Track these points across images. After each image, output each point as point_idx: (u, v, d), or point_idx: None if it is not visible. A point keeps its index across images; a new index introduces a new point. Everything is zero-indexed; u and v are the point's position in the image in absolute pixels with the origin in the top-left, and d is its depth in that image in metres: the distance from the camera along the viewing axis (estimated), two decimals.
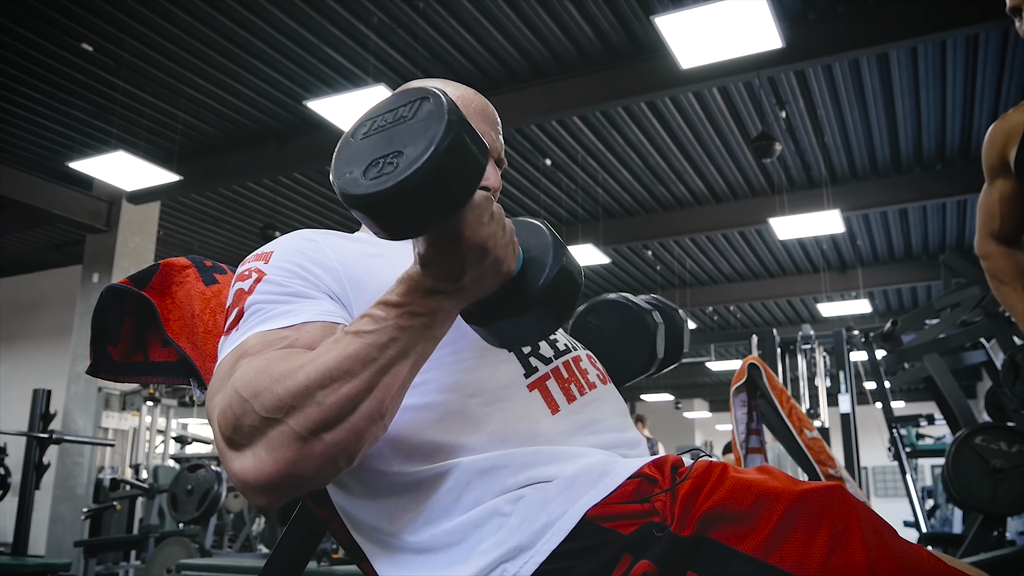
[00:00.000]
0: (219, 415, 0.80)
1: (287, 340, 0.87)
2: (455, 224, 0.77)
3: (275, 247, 1.01)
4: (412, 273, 0.81)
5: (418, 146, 0.72)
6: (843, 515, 0.76)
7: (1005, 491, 3.34)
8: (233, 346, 0.89)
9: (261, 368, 0.80)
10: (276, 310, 0.91)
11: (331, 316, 0.92)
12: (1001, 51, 6.48)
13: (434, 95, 0.76)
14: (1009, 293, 1.93)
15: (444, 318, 0.83)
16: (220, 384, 0.85)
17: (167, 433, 8.88)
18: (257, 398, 0.76)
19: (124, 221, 8.70)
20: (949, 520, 7.35)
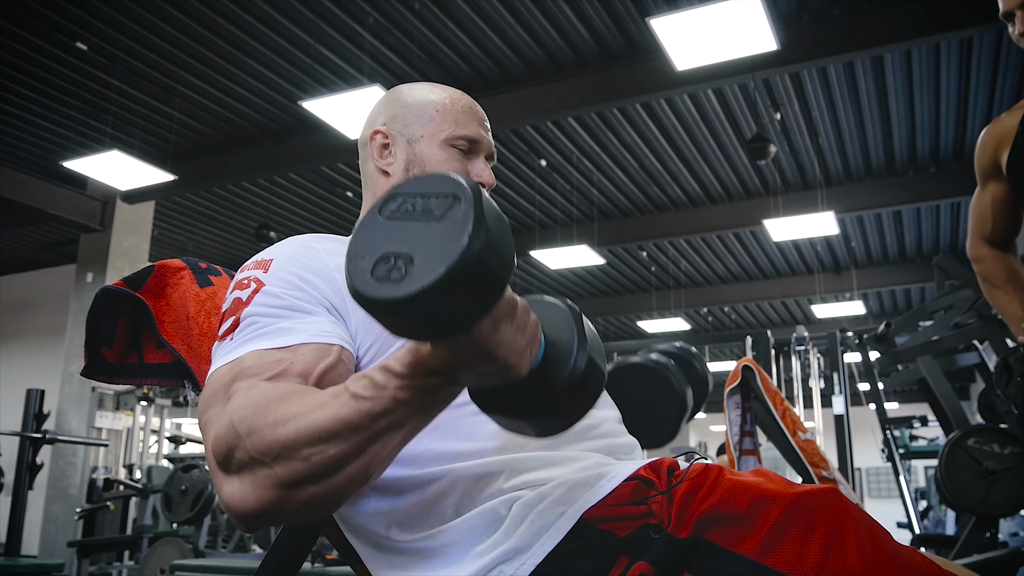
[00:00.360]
0: (213, 440, 0.80)
1: (283, 364, 0.87)
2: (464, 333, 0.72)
3: (274, 254, 1.01)
4: (420, 348, 0.73)
5: (430, 263, 0.64)
6: (838, 518, 0.77)
7: (998, 493, 3.36)
8: (228, 359, 0.89)
9: (258, 405, 0.79)
10: (273, 325, 0.91)
11: (326, 336, 0.92)
12: (995, 54, 6.51)
13: (468, 199, 0.66)
14: (1001, 296, 1.94)
15: (444, 400, 0.77)
16: (215, 398, 0.85)
17: (161, 433, 8.85)
18: (249, 437, 0.76)
19: (118, 220, 8.68)
20: (942, 521, 7.38)
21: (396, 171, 1.18)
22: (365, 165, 1.23)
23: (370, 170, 1.22)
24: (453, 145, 1.16)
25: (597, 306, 13.77)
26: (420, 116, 1.18)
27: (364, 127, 1.23)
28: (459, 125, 1.17)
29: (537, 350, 0.76)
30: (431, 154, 1.16)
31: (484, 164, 1.19)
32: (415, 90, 1.22)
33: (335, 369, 0.91)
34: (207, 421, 0.84)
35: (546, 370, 0.77)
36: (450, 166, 1.15)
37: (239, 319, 0.93)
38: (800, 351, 7.64)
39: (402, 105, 1.20)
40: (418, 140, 1.16)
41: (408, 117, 1.18)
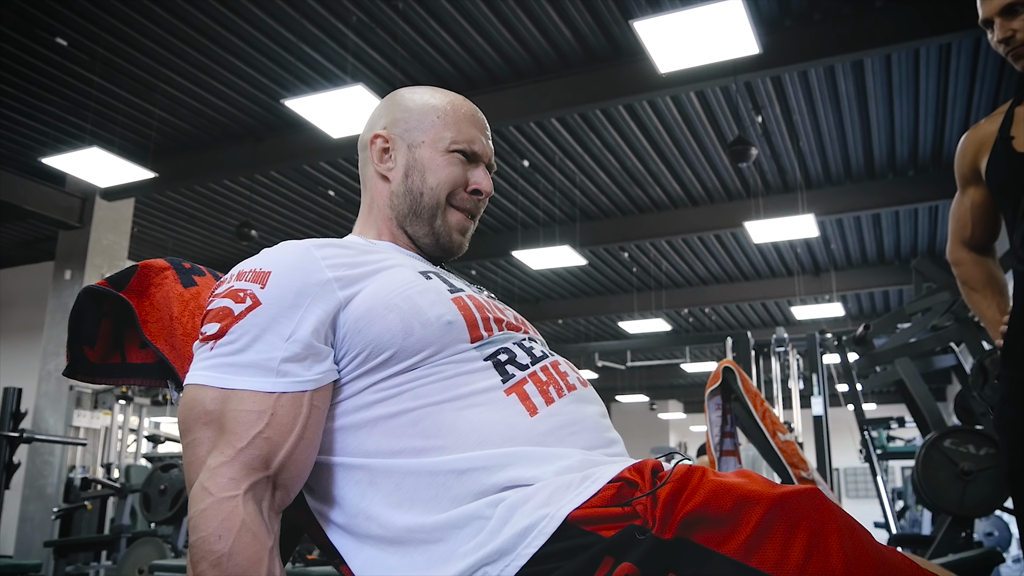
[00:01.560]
0: (191, 497, 0.91)
1: (262, 422, 0.93)
2: None
3: (273, 266, 1.01)
4: None
5: None
6: (820, 518, 0.77)
7: (973, 493, 3.40)
8: (213, 374, 0.95)
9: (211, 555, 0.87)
10: (261, 355, 0.95)
11: (302, 384, 0.96)
12: (973, 60, 6.58)
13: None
14: (979, 300, 1.96)
15: None
16: (197, 425, 0.94)
17: (139, 432, 8.78)
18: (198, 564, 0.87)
19: (98, 218, 8.60)
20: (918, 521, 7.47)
21: (396, 176, 1.18)
22: (364, 168, 1.23)
23: (369, 174, 1.22)
24: (454, 152, 1.16)
25: (579, 307, 13.80)
26: (421, 121, 1.18)
27: (364, 130, 1.24)
28: (460, 132, 1.17)
29: None
30: (432, 160, 1.16)
31: (484, 172, 1.20)
32: (416, 94, 1.22)
33: (308, 424, 0.96)
34: (190, 443, 0.94)
35: None
36: (450, 173, 1.16)
37: (226, 330, 0.95)
38: (780, 352, 7.69)
39: (403, 109, 1.20)
40: (419, 146, 1.17)
41: (409, 122, 1.19)
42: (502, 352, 1.03)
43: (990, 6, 1.72)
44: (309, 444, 0.96)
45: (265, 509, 0.92)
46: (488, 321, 1.06)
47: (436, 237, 1.18)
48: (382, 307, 0.99)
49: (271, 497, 0.93)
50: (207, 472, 0.90)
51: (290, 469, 0.94)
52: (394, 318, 0.99)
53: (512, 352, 1.04)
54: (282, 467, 0.94)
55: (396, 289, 1.02)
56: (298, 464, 0.95)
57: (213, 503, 0.88)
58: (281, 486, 0.95)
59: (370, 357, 0.99)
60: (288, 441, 0.94)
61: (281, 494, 0.95)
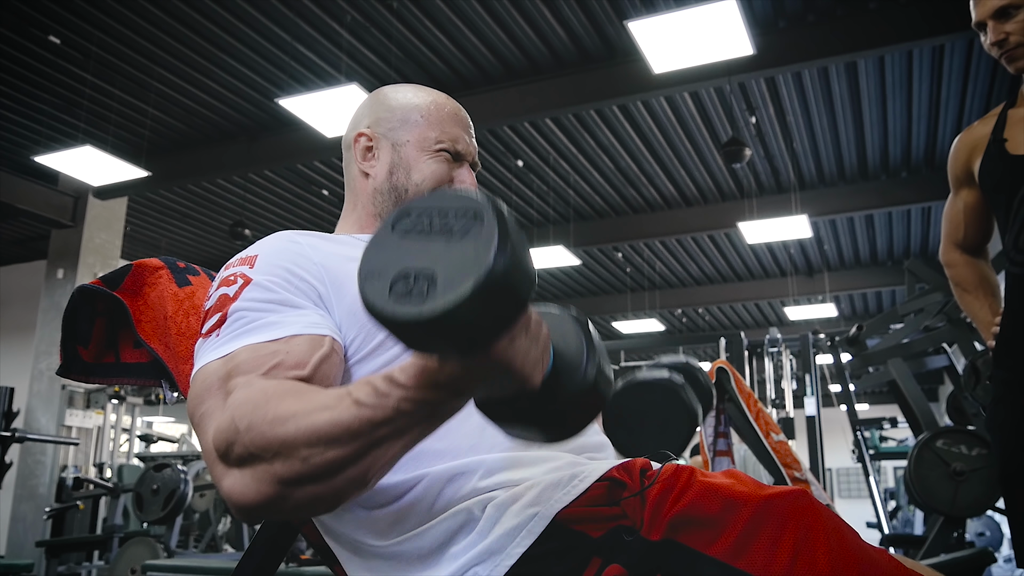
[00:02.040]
0: (214, 432, 0.80)
1: (278, 356, 0.86)
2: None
3: (259, 250, 1.00)
4: (427, 361, 0.72)
5: (454, 281, 0.62)
6: (807, 520, 0.77)
7: (965, 493, 3.41)
8: (220, 353, 0.89)
9: (258, 402, 0.79)
10: (263, 319, 0.91)
11: (317, 328, 0.92)
12: (966, 62, 6.61)
13: (491, 218, 0.65)
14: (972, 301, 1.97)
15: (449, 412, 0.77)
16: (208, 392, 0.85)
17: (132, 431, 8.75)
18: (249, 432, 0.76)
19: (90, 216, 8.57)
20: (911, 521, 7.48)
21: (379, 174, 1.18)
22: (348, 168, 1.23)
23: (353, 172, 1.22)
24: (438, 151, 1.16)
25: (572, 307, 13.79)
26: (405, 121, 1.18)
27: (348, 129, 1.24)
28: (444, 131, 1.17)
29: (548, 361, 0.75)
30: (416, 159, 1.16)
31: (468, 171, 1.20)
32: (399, 93, 1.22)
33: (329, 359, 0.91)
34: (203, 415, 0.84)
35: (556, 380, 0.76)
36: (435, 171, 1.16)
37: (226, 314, 0.92)
38: (773, 352, 7.72)
39: (386, 108, 1.20)
40: (403, 145, 1.17)
41: (393, 121, 1.19)
42: None
43: (983, 9, 1.73)
44: (327, 380, 0.91)
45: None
46: None
47: None
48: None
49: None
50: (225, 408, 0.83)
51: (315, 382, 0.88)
52: None
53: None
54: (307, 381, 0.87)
55: None
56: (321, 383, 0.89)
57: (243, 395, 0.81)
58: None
59: (365, 341, 0.98)
60: (309, 364, 0.88)
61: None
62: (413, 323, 0.62)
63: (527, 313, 0.70)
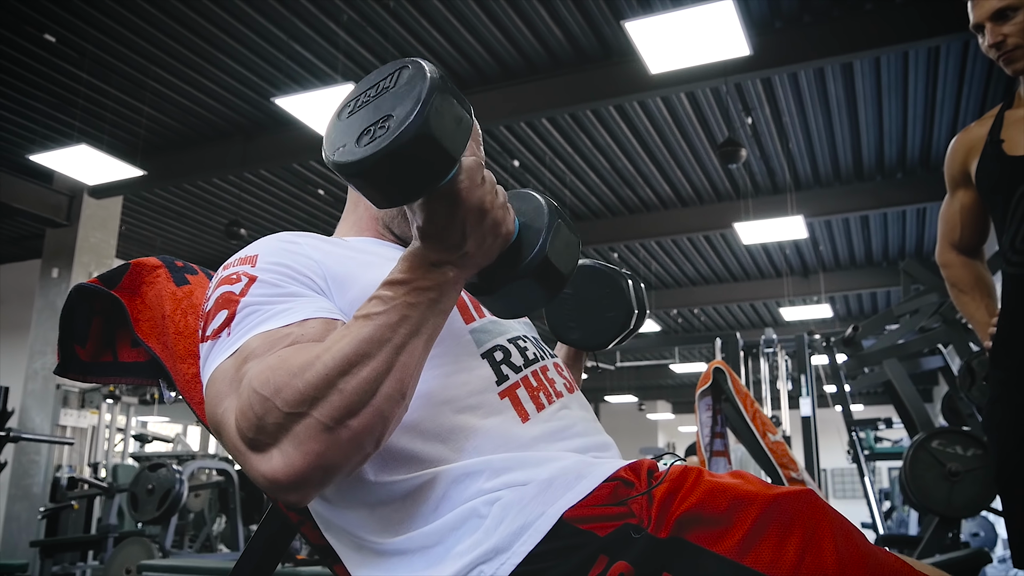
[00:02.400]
0: (238, 416, 0.79)
1: (291, 337, 0.86)
2: (451, 187, 0.80)
3: (258, 250, 0.99)
4: (414, 248, 0.83)
5: (406, 106, 0.73)
6: (814, 519, 0.78)
7: (960, 494, 3.42)
8: (231, 349, 0.87)
9: (276, 365, 0.79)
10: (273, 310, 0.90)
11: (330, 312, 0.92)
12: (961, 63, 6.62)
13: (413, 62, 0.78)
14: (968, 302, 1.98)
15: (450, 290, 0.85)
16: (226, 389, 0.84)
17: (127, 431, 8.74)
18: (279, 395, 0.76)
19: (85, 215, 8.55)
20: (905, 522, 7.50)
21: None
22: None
23: None
24: None
25: None
26: None
27: None
28: None
29: (512, 222, 0.86)
30: None
31: None
32: None
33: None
34: (224, 411, 0.83)
35: (528, 230, 0.87)
36: None
37: (234, 312, 0.90)
38: (768, 353, 7.71)
39: None
40: None
41: None
42: (498, 350, 1.03)
43: (981, 11, 1.73)
44: None
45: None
46: (478, 306, 1.06)
47: None
48: (372, 288, 0.96)
49: None
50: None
51: None
52: None
53: (507, 351, 1.04)
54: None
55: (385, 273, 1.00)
56: None
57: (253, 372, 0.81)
58: None
59: None
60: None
61: None
62: (390, 154, 0.72)
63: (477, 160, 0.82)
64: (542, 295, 0.89)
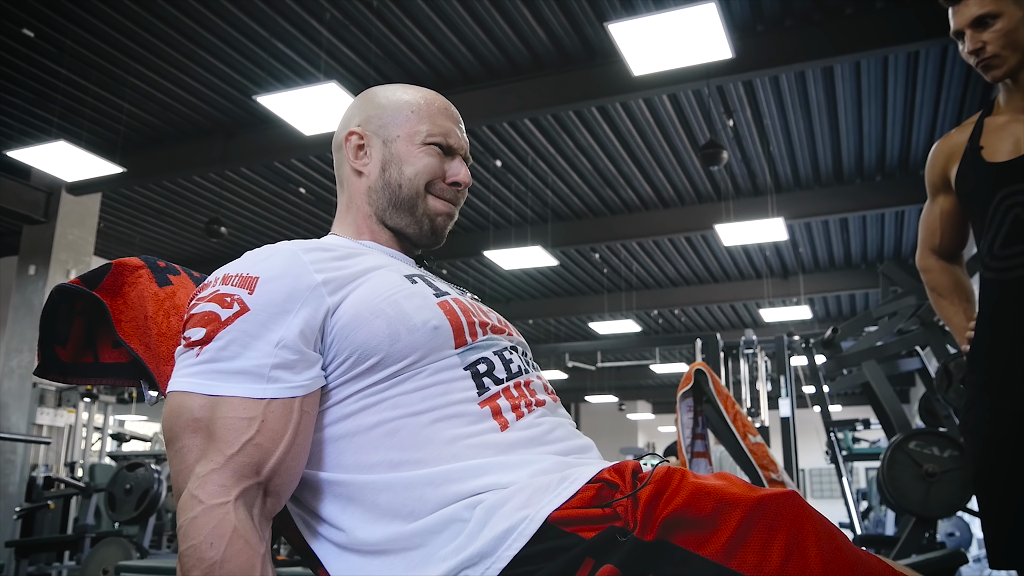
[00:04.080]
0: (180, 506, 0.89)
1: (252, 428, 0.92)
2: None
3: (260, 272, 1.00)
4: None
5: None
6: (799, 521, 0.79)
7: (937, 494, 3.45)
8: (203, 389, 0.93)
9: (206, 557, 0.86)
10: (250, 362, 0.94)
11: (292, 391, 0.95)
12: (940, 68, 6.69)
13: None
14: (947, 306, 1.99)
15: None
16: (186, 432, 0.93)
17: (104, 430, 8.66)
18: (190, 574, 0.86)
19: (63, 212, 8.47)
20: (882, 522, 7.56)
21: (372, 171, 1.19)
22: (341, 168, 1.23)
23: (346, 172, 1.22)
24: (430, 144, 1.17)
25: (549, 307, 13.83)
26: (396, 117, 1.19)
27: (338, 130, 1.24)
28: (435, 125, 1.18)
29: None
30: (408, 153, 1.17)
31: (461, 163, 1.21)
32: (389, 91, 1.23)
33: (299, 430, 0.95)
34: (177, 451, 0.92)
35: None
36: (427, 164, 1.17)
37: (213, 335, 0.94)
38: (748, 354, 7.77)
39: (376, 106, 1.21)
40: (394, 140, 1.18)
41: (383, 118, 1.19)
42: (482, 362, 1.03)
43: (961, 18, 1.75)
44: (300, 450, 0.96)
45: (256, 515, 0.91)
46: (473, 325, 1.07)
47: (420, 225, 1.19)
48: (368, 312, 0.99)
49: (262, 503, 0.93)
50: (196, 480, 0.89)
51: (281, 475, 0.94)
52: (381, 323, 0.99)
53: (491, 363, 1.04)
54: (273, 473, 0.93)
55: (383, 294, 1.02)
56: (289, 470, 0.95)
57: (203, 511, 0.87)
58: (272, 492, 0.94)
59: (357, 363, 0.98)
60: (279, 448, 0.93)
61: (272, 500, 0.94)
62: None
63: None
64: None
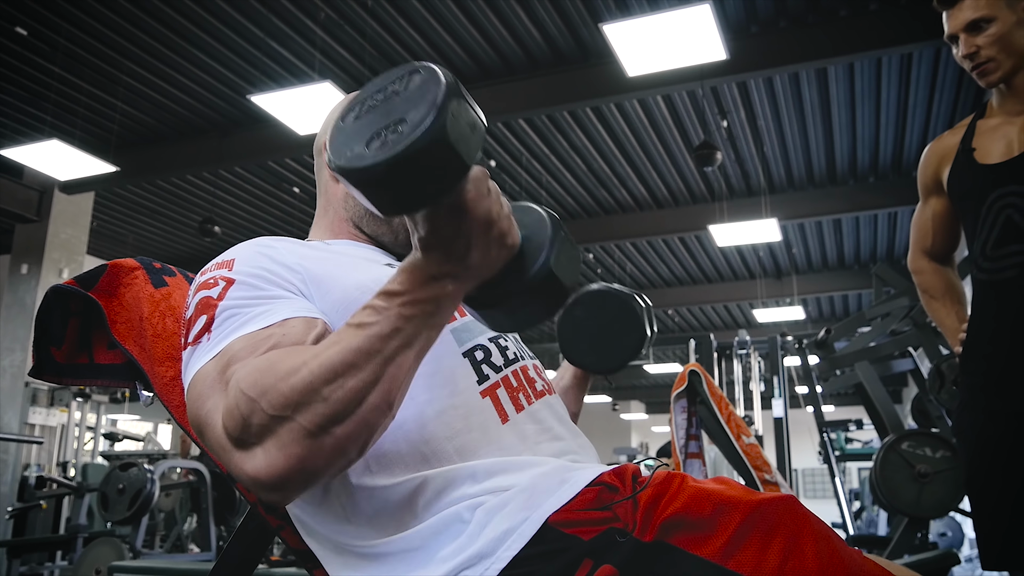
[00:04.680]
0: (225, 415, 0.79)
1: (274, 339, 0.86)
2: (459, 197, 0.77)
3: (235, 254, 0.99)
4: (414, 260, 0.79)
5: (420, 110, 0.69)
6: (797, 525, 0.80)
7: (929, 495, 3.47)
8: (213, 352, 0.87)
9: (265, 367, 0.79)
10: (253, 312, 0.90)
11: (310, 312, 0.92)
12: (933, 70, 6.72)
13: (425, 66, 0.74)
14: (939, 308, 2.00)
15: (448, 304, 0.81)
16: (209, 391, 0.84)
17: (97, 430, 8.64)
18: (264, 396, 0.76)
19: (56, 211, 8.44)
20: (875, 522, 7.59)
21: None
22: (320, 172, 1.23)
23: (324, 176, 1.22)
24: None
25: None
26: None
27: (319, 133, 1.23)
28: None
29: (516, 235, 0.83)
30: None
31: None
32: None
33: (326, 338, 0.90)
34: (208, 411, 0.82)
35: (530, 243, 0.84)
36: None
37: (213, 316, 0.91)
38: (742, 354, 7.78)
39: None
40: None
41: None
42: (479, 349, 1.03)
43: (955, 22, 1.76)
44: None
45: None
46: None
47: (396, 234, 1.17)
48: (356, 290, 0.97)
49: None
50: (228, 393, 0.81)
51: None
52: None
53: (488, 350, 1.04)
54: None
55: (366, 274, 1.01)
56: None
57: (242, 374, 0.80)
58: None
59: None
60: (310, 337, 0.87)
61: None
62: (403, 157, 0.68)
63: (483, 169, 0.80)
64: (544, 309, 0.86)
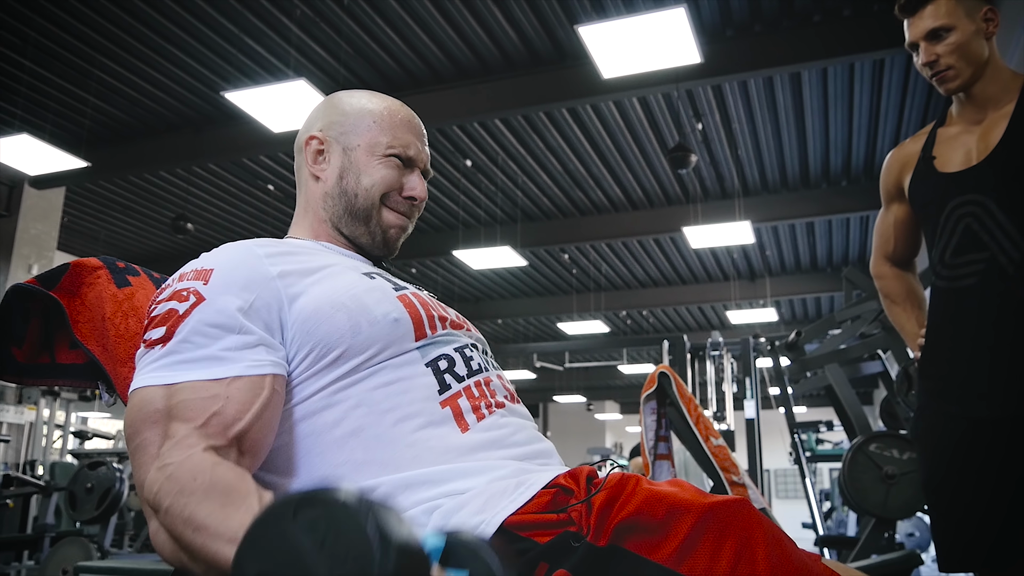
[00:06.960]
0: (147, 484, 0.85)
1: (217, 403, 0.90)
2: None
3: (215, 263, 1.00)
4: None
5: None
6: (748, 528, 0.80)
7: (896, 496, 3.51)
8: (162, 380, 0.91)
9: (184, 488, 0.82)
10: (208, 350, 0.92)
11: (259, 367, 0.94)
12: (905, 76, 6.80)
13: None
14: (899, 312, 2.03)
15: None
16: (147, 424, 0.89)
17: (66, 428, 8.54)
18: (166, 515, 0.82)
19: (26, 206, 8.34)
20: (844, 522, 7.67)
21: (329, 178, 1.19)
22: (300, 171, 1.23)
23: (304, 175, 1.22)
24: (389, 156, 1.17)
25: (518, 307, 13.85)
26: (357, 125, 1.18)
27: (300, 132, 1.24)
28: (396, 137, 1.18)
29: None
30: (367, 164, 1.17)
31: (419, 178, 1.21)
32: (354, 98, 1.22)
33: (269, 405, 0.93)
34: (140, 445, 0.88)
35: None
36: (384, 176, 1.17)
37: (172, 331, 0.93)
38: (715, 355, 7.84)
39: (340, 112, 1.20)
40: (354, 149, 1.17)
41: (345, 125, 1.19)
42: (443, 359, 1.04)
43: (915, 31, 1.78)
44: (268, 424, 0.93)
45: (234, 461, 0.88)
46: (432, 319, 1.08)
47: (373, 236, 1.18)
48: (329, 307, 0.99)
49: (237, 458, 0.90)
50: (160, 457, 0.86)
51: (252, 436, 0.91)
52: (342, 317, 0.99)
53: (452, 359, 1.05)
54: (243, 434, 0.90)
55: (342, 289, 1.02)
56: (259, 435, 0.92)
57: (176, 465, 0.83)
58: (246, 452, 0.91)
59: (319, 357, 0.98)
60: (247, 416, 0.90)
61: (248, 460, 0.92)
62: None
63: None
64: None
